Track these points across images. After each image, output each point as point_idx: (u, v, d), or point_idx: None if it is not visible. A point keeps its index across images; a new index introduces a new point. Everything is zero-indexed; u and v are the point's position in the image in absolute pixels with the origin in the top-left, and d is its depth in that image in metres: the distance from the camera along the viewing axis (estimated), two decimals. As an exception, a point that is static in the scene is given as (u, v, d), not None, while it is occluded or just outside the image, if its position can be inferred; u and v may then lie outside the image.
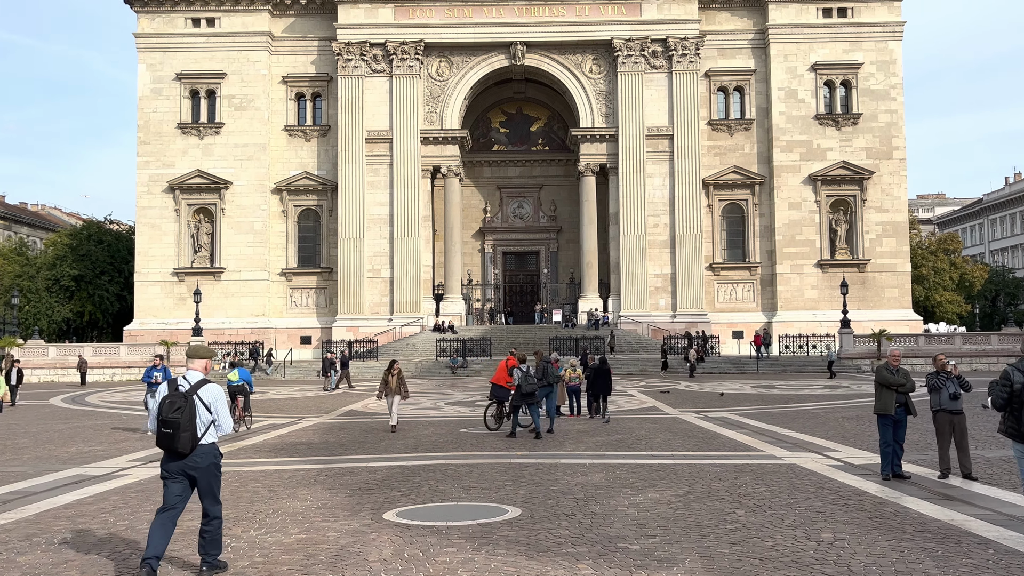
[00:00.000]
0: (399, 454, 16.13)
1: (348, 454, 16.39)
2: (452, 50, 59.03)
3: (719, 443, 17.11)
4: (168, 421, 7.67)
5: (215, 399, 7.92)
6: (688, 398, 29.25)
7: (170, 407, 7.70)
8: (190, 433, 7.71)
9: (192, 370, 8.07)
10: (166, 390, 7.88)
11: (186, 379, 8.00)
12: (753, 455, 15.30)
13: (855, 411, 23.47)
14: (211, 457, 7.89)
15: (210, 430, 7.90)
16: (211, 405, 7.87)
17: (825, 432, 18.50)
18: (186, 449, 7.72)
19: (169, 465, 7.86)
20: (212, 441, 7.92)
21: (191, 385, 7.90)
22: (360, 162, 58.28)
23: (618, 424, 20.95)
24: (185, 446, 7.70)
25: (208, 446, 7.88)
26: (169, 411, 7.69)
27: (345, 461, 15.36)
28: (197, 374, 8.03)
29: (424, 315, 57.67)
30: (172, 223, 59.31)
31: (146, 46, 59.77)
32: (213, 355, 8.47)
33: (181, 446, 7.69)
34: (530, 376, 18.60)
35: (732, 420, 21.38)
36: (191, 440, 7.73)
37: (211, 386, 7.97)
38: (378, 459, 15.46)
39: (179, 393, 7.81)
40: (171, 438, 7.69)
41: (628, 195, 57.78)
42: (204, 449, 7.84)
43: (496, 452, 16.15)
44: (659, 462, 14.57)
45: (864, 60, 59.23)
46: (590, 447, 16.87)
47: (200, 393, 7.85)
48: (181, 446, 7.69)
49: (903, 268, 58.93)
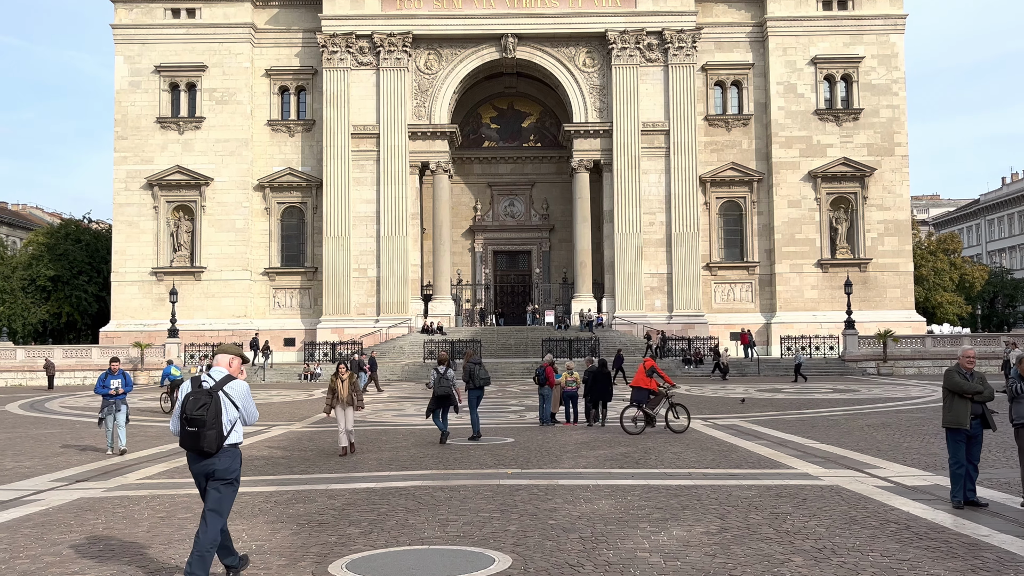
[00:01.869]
0: (369, 473, 14.00)
1: (310, 472, 14.36)
2: (441, 42, 57.11)
3: (739, 458, 15.11)
4: (193, 419, 7.34)
5: (242, 395, 7.59)
6: (692, 403, 27.28)
7: (194, 404, 7.37)
8: (216, 431, 7.38)
9: (217, 367, 7.73)
10: (189, 387, 7.55)
11: (210, 375, 7.67)
12: (785, 474, 13.29)
13: (877, 417, 21.64)
14: (230, 460, 7.52)
15: (236, 428, 7.57)
16: (237, 401, 7.55)
17: (855, 443, 16.55)
18: (212, 448, 7.39)
19: (193, 466, 7.58)
20: (237, 442, 7.59)
21: (216, 381, 7.57)
22: (346, 158, 56.30)
23: (619, 433, 19.02)
24: (211, 445, 7.38)
25: (232, 448, 7.55)
26: (194, 409, 7.36)
27: (304, 482, 13.37)
28: (222, 370, 7.68)
29: (412, 316, 55.71)
30: (151, 221, 57.18)
31: (124, 37, 57.64)
32: (241, 353, 8.01)
33: (207, 445, 7.36)
34: (444, 378, 17.53)
35: (745, 429, 19.43)
36: (217, 439, 7.40)
37: (237, 382, 7.64)
38: (343, 479, 13.33)
39: (203, 390, 7.47)
40: (196, 437, 7.36)
41: (623, 192, 55.94)
42: (227, 451, 7.51)
43: (483, 470, 14.07)
44: (676, 483, 12.50)
45: (865, 54, 57.53)
46: (592, 463, 14.81)
47: (226, 389, 7.53)
48: (207, 445, 7.36)
49: (905, 268, 57.23)
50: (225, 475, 7.47)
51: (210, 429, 7.34)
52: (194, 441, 7.39)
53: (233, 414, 7.52)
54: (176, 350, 47.77)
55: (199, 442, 7.36)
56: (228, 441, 7.48)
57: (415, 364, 48.44)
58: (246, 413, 7.61)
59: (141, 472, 14.67)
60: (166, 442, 18.53)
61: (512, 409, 26.32)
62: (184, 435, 7.45)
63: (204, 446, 7.36)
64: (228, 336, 55.04)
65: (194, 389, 7.49)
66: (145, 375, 45.75)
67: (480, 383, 18.83)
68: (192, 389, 7.50)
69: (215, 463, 7.45)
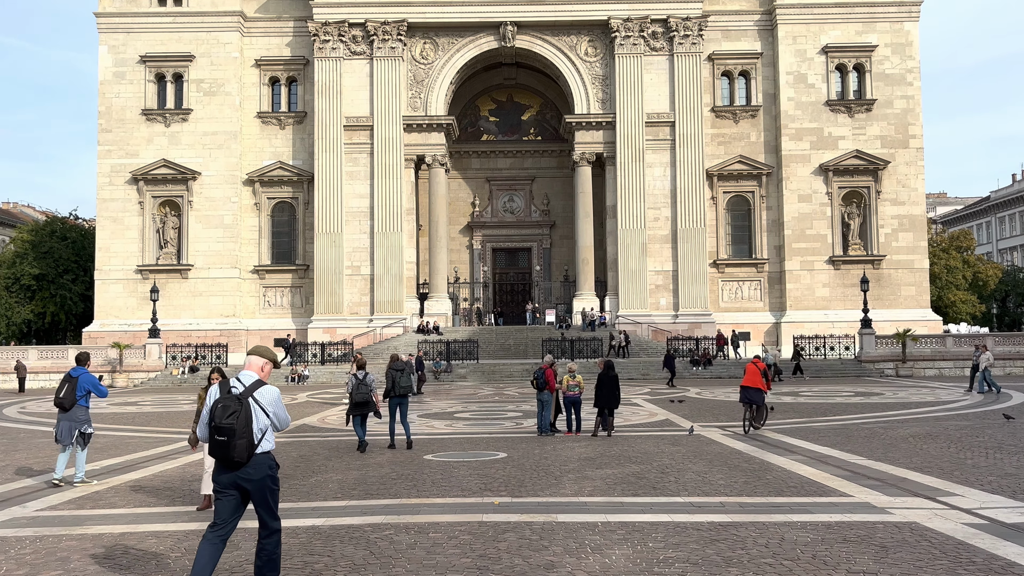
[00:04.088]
0: (322, 503, 11.41)
1: None
2: (437, 31, 54.92)
3: (777, 480, 12.56)
4: (222, 428, 6.94)
5: (273, 401, 7.18)
6: (706, 408, 25.13)
7: (223, 412, 6.97)
8: (246, 440, 6.97)
9: (247, 371, 7.27)
10: (217, 393, 7.16)
11: (239, 380, 7.21)
12: (841, 504, 10.64)
13: (917, 425, 19.41)
14: (266, 468, 7.11)
15: (267, 436, 7.14)
16: (268, 408, 7.15)
17: (908, 459, 14.17)
18: (242, 458, 6.97)
19: (221, 477, 7.08)
20: (269, 449, 7.16)
21: (245, 387, 7.16)
22: (338, 151, 54.11)
23: (628, 444, 16.78)
24: (241, 455, 6.96)
25: (263, 456, 7.11)
26: (223, 417, 6.95)
27: None
28: (252, 375, 7.23)
29: (407, 315, 53.51)
30: (136, 217, 54.99)
31: (108, 26, 55.45)
32: (275, 357, 7.49)
33: (237, 455, 6.95)
34: (364, 384, 16.66)
35: (772, 440, 17.05)
36: (247, 448, 6.99)
37: (268, 388, 7.23)
38: (287, 512, 10.00)
39: (232, 396, 7.08)
40: (225, 447, 6.95)
41: (626, 186, 53.73)
42: (259, 459, 7.07)
43: (464, 499, 11.44)
44: (708, 519, 9.88)
45: (878, 42, 55.29)
46: (599, 487, 12.25)
47: (256, 395, 7.12)
48: (237, 455, 6.95)
49: (920, 265, 54.98)
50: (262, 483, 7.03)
51: (240, 438, 6.92)
52: (223, 451, 6.95)
53: (264, 421, 7.09)
54: (157, 351, 45.56)
55: (229, 452, 6.93)
56: (259, 449, 7.05)
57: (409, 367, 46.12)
58: (277, 420, 7.18)
59: (46, 500, 12.10)
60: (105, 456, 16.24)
61: (508, 415, 24.10)
62: (213, 445, 7.00)
63: (234, 456, 6.92)
64: (216, 336, 52.85)
65: (223, 395, 7.06)
66: (124, 377, 43.53)
67: (402, 391, 17.63)
68: (221, 395, 7.07)
69: (248, 473, 7.01)
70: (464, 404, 28.32)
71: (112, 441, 18.99)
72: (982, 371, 29.68)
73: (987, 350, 31.04)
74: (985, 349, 31.19)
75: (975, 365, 31.10)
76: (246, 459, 6.98)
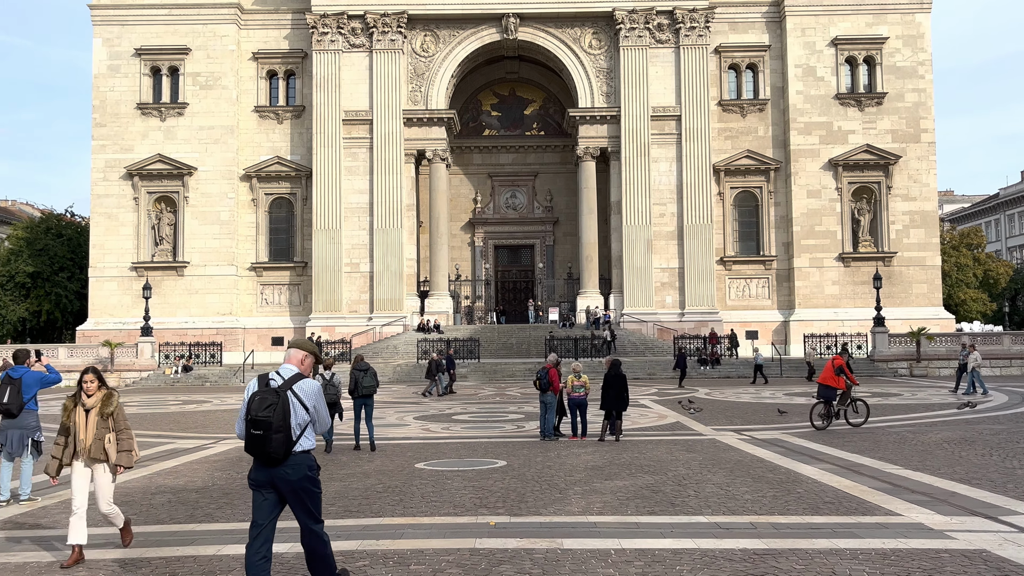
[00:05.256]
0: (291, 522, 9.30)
1: (215, 519, 10.34)
2: (438, 23, 53.72)
3: (810, 493, 11.26)
4: (258, 421, 6.52)
5: (313, 395, 6.76)
6: (718, 410, 23.94)
7: (260, 405, 6.58)
8: (283, 435, 6.55)
9: (286, 364, 6.93)
10: (256, 386, 6.78)
11: (279, 373, 6.85)
12: (891, 525, 9.23)
13: (948, 429, 18.18)
14: (304, 468, 6.70)
15: (307, 434, 6.73)
16: (308, 402, 6.72)
17: (950, 469, 12.88)
18: (279, 454, 6.57)
19: (257, 475, 6.71)
20: (308, 448, 6.77)
21: (284, 380, 6.77)
22: (337, 145, 52.95)
23: (639, 451, 15.56)
24: (278, 451, 6.55)
25: (302, 455, 6.72)
26: (259, 409, 6.55)
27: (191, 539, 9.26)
28: (292, 368, 6.86)
29: (407, 314, 52.35)
30: (131, 213, 53.84)
31: (102, 18, 54.31)
32: (316, 350, 7.13)
33: (273, 450, 6.55)
34: (331, 384, 16.53)
35: (795, 446, 15.80)
36: (284, 443, 6.57)
37: (308, 381, 6.81)
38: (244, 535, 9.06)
39: (271, 389, 6.69)
40: (262, 441, 6.54)
41: (631, 182, 52.51)
42: (297, 458, 6.67)
43: (456, 518, 10.09)
44: (739, 545, 8.45)
45: (889, 34, 54.01)
46: (611, 502, 10.88)
47: (295, 389, 6.71)
48: (273, 450, 6.55)
49: (932, 262, 53.70)
50: (300, 484, 6.64)
51: (277, 432, 6.55)
52: (260, 446, 6.58)
53: (303, 416, 6.70)
54: (150, 349, 44.43)
55: (265, 447, 6.56)
56: (297, 447, 6.67)
57: (408, 365, 45.07)
58: (318, 416, 6.80)
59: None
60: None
61: (510, 417, 22.93)
62: (248, 439, 6.63)
63: (270, 451, 6.56)
64: (212, 335, 51.72)
65: (260, 388, 6.73)
66: (116, 377, 42.39)
67: (365, 391, 17.10)
68: (258, 388, 6.74)
69: (285, 473, 6.64)
70: (464, 405, 27.16)
71: (85, 446, 17.81)
72: (970, 371, 29.03)
73: (975, 349, 30.57)
74: (973, 348, 30.50)
75: (962, 364, 30.70)
76: (283, 456, 6.59)
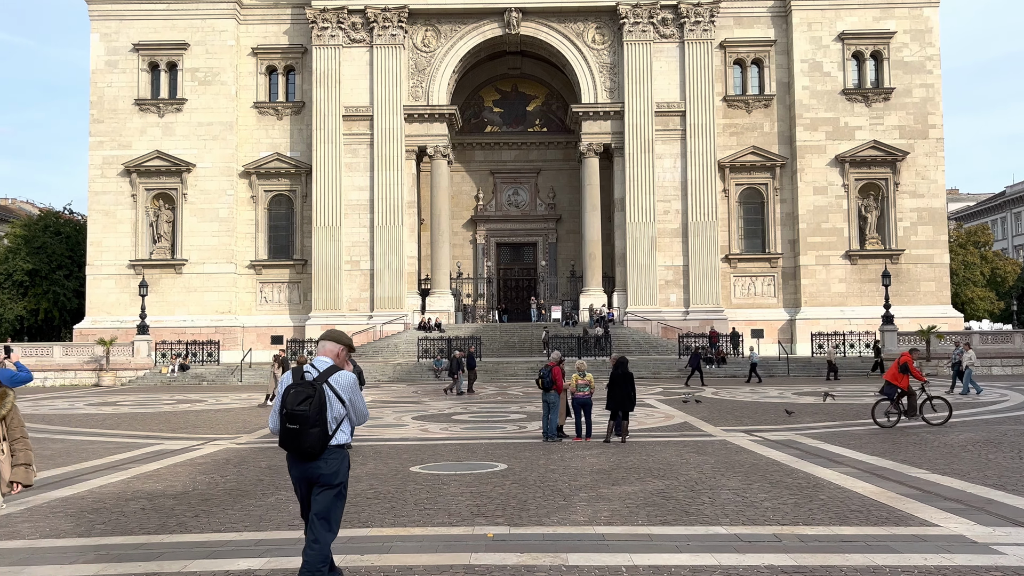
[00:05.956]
0: (271, 533, 9.17)
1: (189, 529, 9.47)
2: (439, 17, 53.04)
3: (834, 500, 10.39)
4: (294, 415, 6.29)
5: (349, 389, 6.49)
6: (726, 410, 23.22)
7: (296, 398, 6.33)
8: (320, 429, 6.30)
9: (321, 356, 6.57)
10: (290, 378, 6.48)
11: (314, 366, 6.54)
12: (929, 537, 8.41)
13: (968, 431, 17.44)
14: (338, 464, 6.41)
15: (342, 427, 6.47)
16: (344, 395, 6.45)
17: (981, 473, 12.09)
18: (316, 450, 6.33)
19: (293, 471, 6.51)
20: (344, 442, 6.50)
21: (320, 372, 6.46)
22: (337, 142, 52.29)
23: (647, 453, 14.83)
24: (315, 445, 6.31)
25: (338, 449, 6.46)
26: (295, 403, 6.31)
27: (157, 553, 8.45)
28: (326, 360, 6.53)
29: (408, 312, 51.68)
30: (128, 210, 53.21)
31: (100, 13, 53.67)
32: (350, 342, 6.78)
33: (310, 445, 6.31)
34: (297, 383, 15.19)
35: (810, 448, 15.06)
36: (321, 438, 6.32)
37: (344, 374, 6.52)
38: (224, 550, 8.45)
39: (306, 382, 6.41)
40: (297, 436, 6.30)
41: (635, 179, 51.80)
42: (334, 453, 6.42)
43: (451, 528, 9.24)
44: (764, 560, 7.64)
45: (897, 29, 53.26)
46: (618, 510, 10.00)
47: (331, 381, 6.42)
48: (310, 445, 6.31)
49: (941, 259, 52.94)
50: (331, 481, 6.39)
51: (313, 427, 6.33)
52: (295, 440, 6.37)
53: (339, 411, 6.49)
54: (146, 348, 43.76)
55: (301, 441, 6.35)
56: (333, 442, 6.45)
57: (408, 364, 44.39)
58: (354, 409, 6.57)
59: None
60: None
61: (511, 417, 22.23)
62: (284, 434, 6.43)
63: (307, 446, 6.35)
64: (211, 334, 51.03)
65: (295, 381, 6.49)
66: (111, 375, 41.72)
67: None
68: (293, 381, 6.50)
69: (319, 467, 6.42)
70: (464, 405, 26.47)
71: (67, 447, 17.11)
72: (964, 370, 28.49)
73: (969, 348, 29.97)
74: (968, 347, 29.89)
75: (955, 364, 30.08)
76: (319, 451, 6.37)
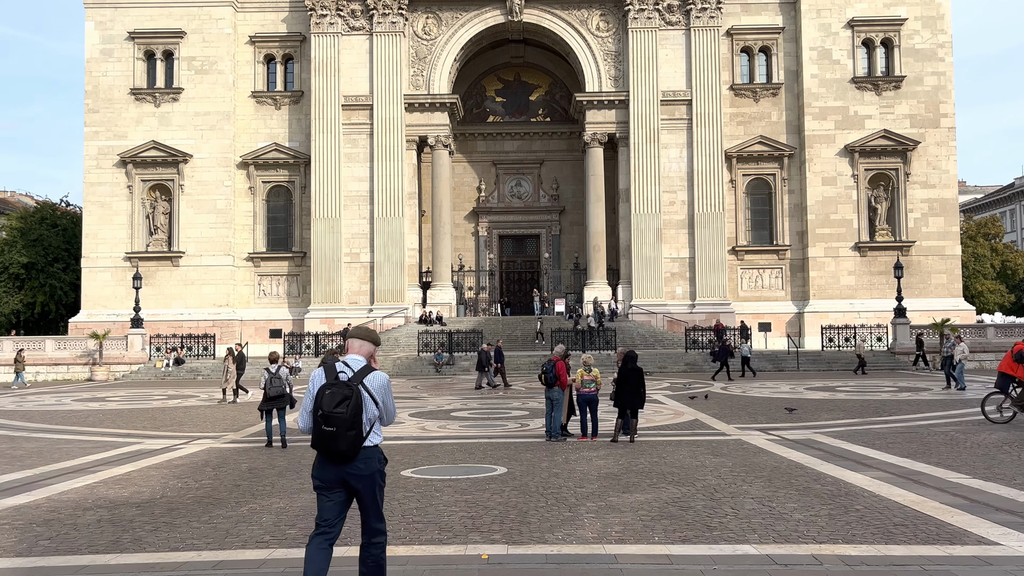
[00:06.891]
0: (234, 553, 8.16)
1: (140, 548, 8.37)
2: (440, 4, 51.97)
3: (871, 511, 9.36)
4: (331, 417, 6.06)
5: (382, 390, 6.34)
6: (738, 406, 22.27)
7: (332, 399, 6.10)
8: (356, 432, 6.15)
9: (353, 355, 6.39)
10: (323, 378, 6.25)
11: (347, 365, 6.33)
12: (992, 559, 7.38)
13: (999, 428, 16.46)
14: (375, 462, 6.34)
15: (375, 429, 6.35)
16: (377, 396, 6.30)
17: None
18: (351, 452, 6.17)
19: (325, 474, 6.25)
20: (377, 443, 6.37)
21: (355, 372, 6.28)
22: (336, 132, 51.29)
23: (658, 454, 13.86)
24: (351, 448, 6.16)
25: (372, 449, 6.31)
26: (331, 405, 6.08)
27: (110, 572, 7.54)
28: (360, 360, 6.35)
29: (409, 305, 50.74)
30: (124, 201, 52.30)
31: (95, 1, 52.68)
32: (378, 339, 6.63)
33: (347, 448, 6.14)
34: (277, 377, 16.33)
35: (834, 448, 14.08)
36: (356, 440, 6.17)
37: (378, 375, 6.36)
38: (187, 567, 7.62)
39: (342, 383, 6.19)
40: (333, 439, 6.10)
41: (640, 169, 50.76)
42: (368, 452, 6.28)
43: (440, 547, 8.22)
44: None
45: (908, 15, 52.10)
46: (631, 523, 9.00)
47: (366, 383, 6.26)
48: (347, 448, 6.14)
49: (952, 251, 51.86)
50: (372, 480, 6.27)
51: (351, 430, 6.11)
52: (331, 443, 6.12)
53: (373, 412, 6.28)
54: (140, 342, 42.89)
55: (337, 444, 6.11)
56: (367, 443, 6.26)
57: (409, 358, 43.46)
58: (386, 410, 6.41)
59: None
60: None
61: (512, 414, 21.27)
62: (318, 436, 6.16)
63: (344, 449, 6.12)
64: (208, 327, 50.10)
65: (330, 382, 6.21)
66: (104, 370, 40.84)
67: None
68: (328, 382, 6.21)
69: (358, 468, 6.24)
70: (464, 400, 25.54)
71: (40, 447, 16.14)
72: (956, 363, 27.46)
73: (962, 341, 28.94)
74: (960, 340, 28.87)
75: (947, 357, 28.84)
76: (354, 453, 6.20)
